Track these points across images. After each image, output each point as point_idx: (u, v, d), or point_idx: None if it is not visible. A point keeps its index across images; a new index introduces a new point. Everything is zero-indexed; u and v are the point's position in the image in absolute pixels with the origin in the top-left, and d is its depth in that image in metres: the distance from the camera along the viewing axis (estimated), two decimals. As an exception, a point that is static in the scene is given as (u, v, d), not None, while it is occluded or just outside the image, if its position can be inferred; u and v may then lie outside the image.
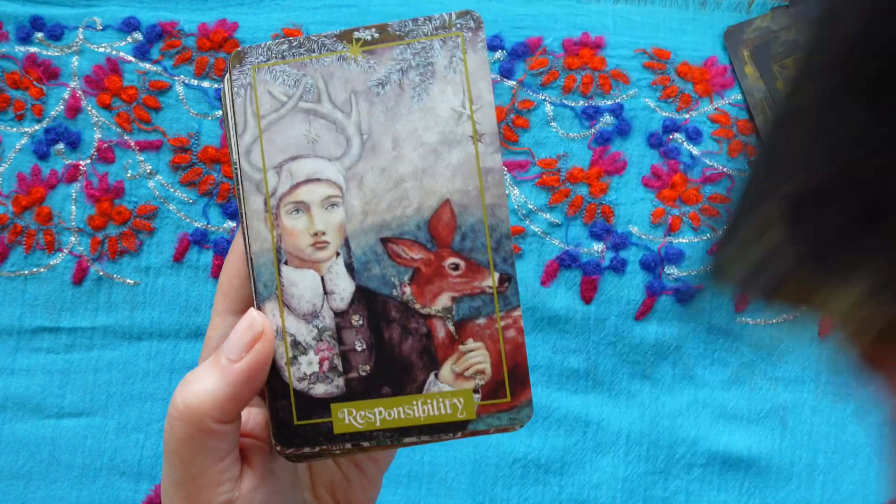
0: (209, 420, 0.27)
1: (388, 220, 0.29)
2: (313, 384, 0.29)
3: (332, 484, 0.33)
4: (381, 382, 0.29)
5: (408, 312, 0.29)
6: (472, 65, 0.29)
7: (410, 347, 0.29)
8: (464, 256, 0.29)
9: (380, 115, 0.29)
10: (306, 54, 0.29)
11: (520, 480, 0.49)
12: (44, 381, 0.49)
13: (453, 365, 0.29)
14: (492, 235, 0.29)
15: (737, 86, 0.52)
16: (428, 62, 0.29)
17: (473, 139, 0.29)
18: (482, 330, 0.29)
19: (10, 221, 0.49)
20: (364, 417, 0.29)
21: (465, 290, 0.29)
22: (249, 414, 0.32)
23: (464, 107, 0.29)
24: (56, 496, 0.48)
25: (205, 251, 0.50)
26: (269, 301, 0.29)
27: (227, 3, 0.51)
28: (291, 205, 0.29)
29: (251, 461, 0.30)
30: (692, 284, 0.50)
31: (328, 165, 0.29)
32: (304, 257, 0.29)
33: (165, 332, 0.49)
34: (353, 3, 0.52)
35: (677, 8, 0.53)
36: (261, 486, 0.29)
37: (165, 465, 0.29)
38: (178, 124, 0.50)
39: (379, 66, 0.29)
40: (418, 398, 0.29)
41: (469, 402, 0.29)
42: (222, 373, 0.28)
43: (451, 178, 0.29)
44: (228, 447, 0.28)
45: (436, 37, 0.29)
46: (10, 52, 0.50)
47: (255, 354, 0.28)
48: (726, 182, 0.51)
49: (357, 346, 0.29)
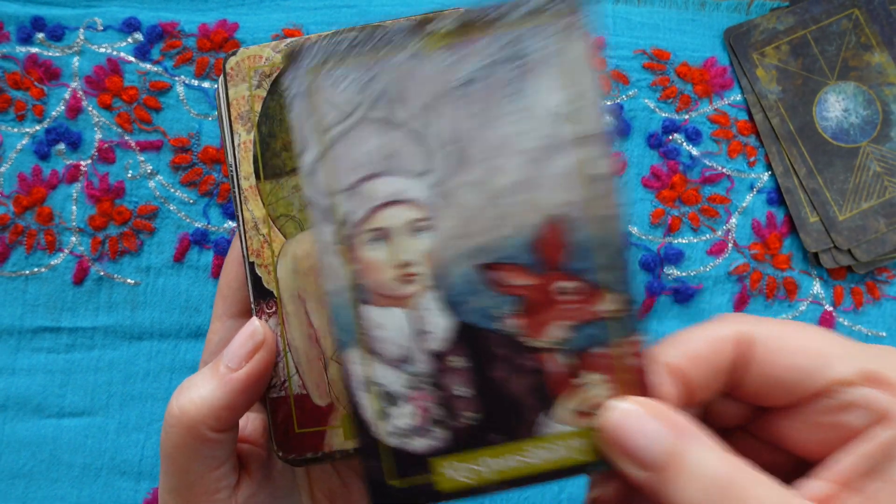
0: (205, 428, 0.27)
1: (485, 242, 0.25)
2: (410, 438, 0.26)
3: (332, 491, 0.33)
4: (488, 429, 0.26)
5: (515, 347, 0.25)
6: (571, 55, 0.25)
7: (520, 386, 0.25)
8: (575, 278, 0.25)
9: (467, 121, 0.25)
10: (371, 53, 0.26)
11: (519, 480, 0.49)
12: (45, 380, 0.49)
13: (570, 401, 0.25)
14: (605, 252, 0.25)
15: (736, 86, 0.52)
16: (519, 55, 0.25)
17: (578, 142, 0.25)
18: (599, 360, 0.25)
19: (11, 221, 0.49)
20: (471, 470, 0.25)
21: (578, 316, 0.25)
22: (248, 419, 0.32)
23: (565, 105, 0.25)
24: (57, 496, 0.48)
25: (205, 251, 0.50)
26: (351, 348, 0.25)
27: (227, 3, 0.51)
28: (370, 233, 0.25)
29: (249, 468, 0.30)
30: (692, 285, 0.51)
31: (410, 184, 0.25)
32: (389, 293, 0.25)
33: (166, 332, 0.49)
34: (353, 4, 0.52)
35: (677, 9, 0.53)
36: (258, 493, 0.29)
37: (162, 472, 0.28)
38: (178, 125, 0.50)
39: (461, 63, 0.25)
40: (532, 442, 0.25)
41: (589, 441, 0.25)
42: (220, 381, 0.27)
43: (556, 189, 0.25)
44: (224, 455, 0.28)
45: (526, 24, 0.25)
46: (10, 52, 0.50)
47: (255, 364, 0.28)
48: (726, 182, 0.51)
49: (458, 392, 0.26)
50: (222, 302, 0.31)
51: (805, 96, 0.51)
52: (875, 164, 0.50)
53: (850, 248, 0.50)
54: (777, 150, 0.51)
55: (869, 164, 0.50)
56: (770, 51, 0.50)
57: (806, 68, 0.51)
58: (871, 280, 0.51)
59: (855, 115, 0.51)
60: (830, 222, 0.50)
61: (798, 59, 0.51)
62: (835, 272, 0.51)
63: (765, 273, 0.51)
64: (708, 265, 0.51)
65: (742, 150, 0.52)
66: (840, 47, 0.51)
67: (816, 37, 0.50)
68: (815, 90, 0.51)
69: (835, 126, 0.51)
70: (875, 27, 0.51)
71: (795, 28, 0.52)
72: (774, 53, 0.50)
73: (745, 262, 0.51)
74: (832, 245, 0.50)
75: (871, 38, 0.50)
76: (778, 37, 0.51)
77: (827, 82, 0.51)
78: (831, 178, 0.51)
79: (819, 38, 0.50)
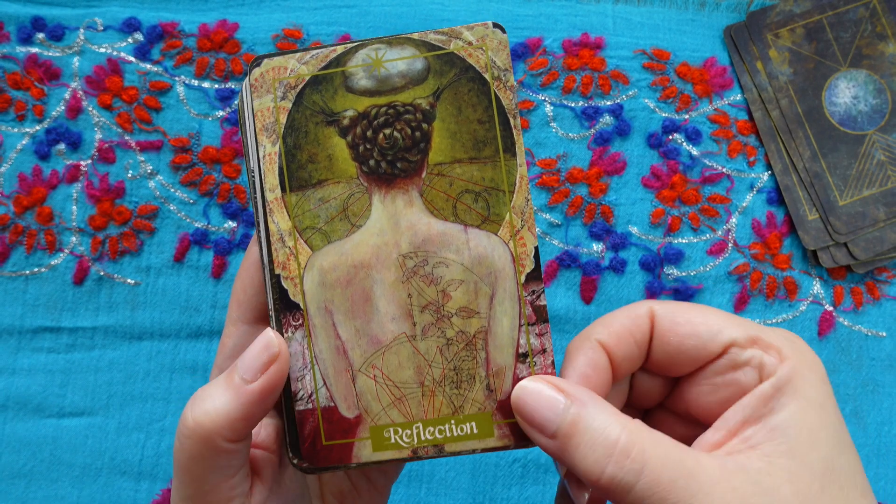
0: (220, 439, 0.27)
1: None
2: None
3: (342, 493, 0.33)
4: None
5: None
6: None
7: None
8: None
9: None
10: None
11: (519, 480, 0.49)
12: (45, 380, 0.49)
13: None
14: None
15: (736, 86, 0.52)
16: None
17: None
18: None
19: (12, 221, 0.49)
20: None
21: None
22: (260, 426, 0.31)
23: None
24: (57, 496, 0.48)
25: (205, 251, 0.50)
26: None
27: (227, 3, 0.51)
28: None
29: (261, 474, 0.30)
30: (692, 285, 0.51)
31: None
32: None
33: (166, 332, 0.49)
34: (353, 4, 0.52)
35: (677, 9, 0.53)
36: (270, 498, 0.29)
37: (175, 481, 0.28)
38: (178, 125, 0.50)
39: None
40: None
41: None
42: (236, 392, 0.27)
43: None
44: (239, 464, 0.28)
45: None
46: (11, 52, 0.50)
47: (271, 376, 0.28)
48: (725, 182, 0.51)
49: None
50: (237, 307, 0.31)
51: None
52: (880, 153, 0.50)
53: (848, 245, 0.50)
54: (776, 148, 0.51)
55: (874, 153, 0.50)
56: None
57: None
58: (871, 280, 0.51)
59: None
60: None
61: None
62: (835, 272, 0.51)
63: (765, 273, 0.51)
64: (708, 265, 0.51)
65: (742, 150, 0.52)
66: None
67: (832, 22, 0.51)
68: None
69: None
70: (891, 17, 0.51)
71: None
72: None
73: (745, 262, 0.51)
74: (831, 240, 0.50)
75: (887, 27, 0.51)
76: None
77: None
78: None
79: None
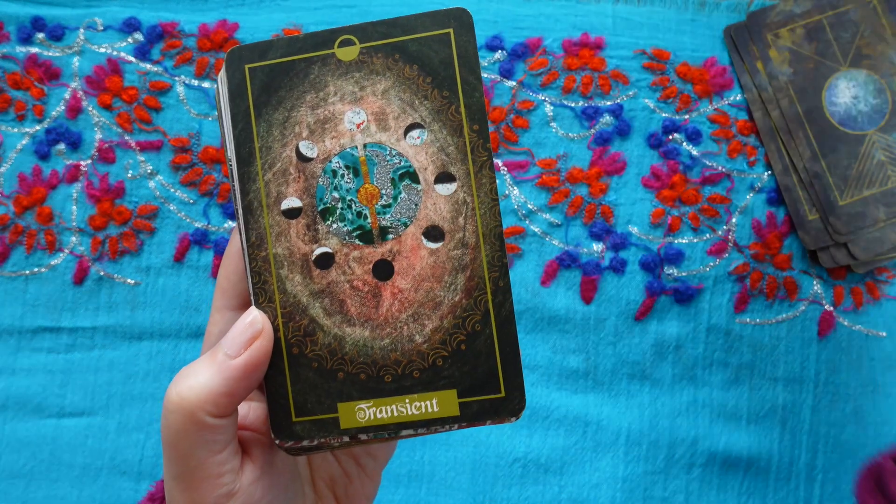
0: (203, 414, 0.27)
1: None
2: None
3: (332, 478, 0.34)
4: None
5: None
6: None
7: None
8: None
9: None
10: None
11: (519, 480, 0.49)
12: (45, 380, 0.49)
13: None
14: None
15: (736, 86, 0.52)
16: None
17: None
18: None
19: (12, 221, 0.49)
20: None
21: None
22: (250, 408, 0.32)
23: None
24: (57, 496, 0.48)
25: (205, 251, 0.50)
26: None
27: (227, 3, 0.51)
28: None
29: (252, 454, 0.30)
30: (692, 284, 0.50)
31: None
32: None
33: (166, 332, 0.49)
34: (353, 4, 0.52)
35: (677, 9, 0.53)
36: (261, 478, 0.30)
37: (165, 459, 0.29)
38: (178, 124, 0.50)
39: None
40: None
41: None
42: (219, 367, 0.28)
43: None
44: (225, 440, 0.29)
45: None
46: (11, 52, 0.50)
47: (254, 352, 0.28)
48: (726, 182, 0.51)
49: None
50: (221, 295, 0.31)
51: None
52: (880, 153, 0.50)
53: (848, 245, 0.50)
54: (776, 148, 0.51)
55: (874, 153, 0.50)
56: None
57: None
58: (871, 280, 0.51)
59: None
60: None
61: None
62: (834, 272, 0.51)
63: (765, 273, 0.51)
64: (708, 265, 0.51)
65: (742, 150, 0.52)
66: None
67: (832, 22, 0.51)
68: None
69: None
70: (892, 18, 0.51)
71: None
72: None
73: (746, 262, 0.51)
74: (831, 240, 0.50)
75: (888, 28, 0.51)
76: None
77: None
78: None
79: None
